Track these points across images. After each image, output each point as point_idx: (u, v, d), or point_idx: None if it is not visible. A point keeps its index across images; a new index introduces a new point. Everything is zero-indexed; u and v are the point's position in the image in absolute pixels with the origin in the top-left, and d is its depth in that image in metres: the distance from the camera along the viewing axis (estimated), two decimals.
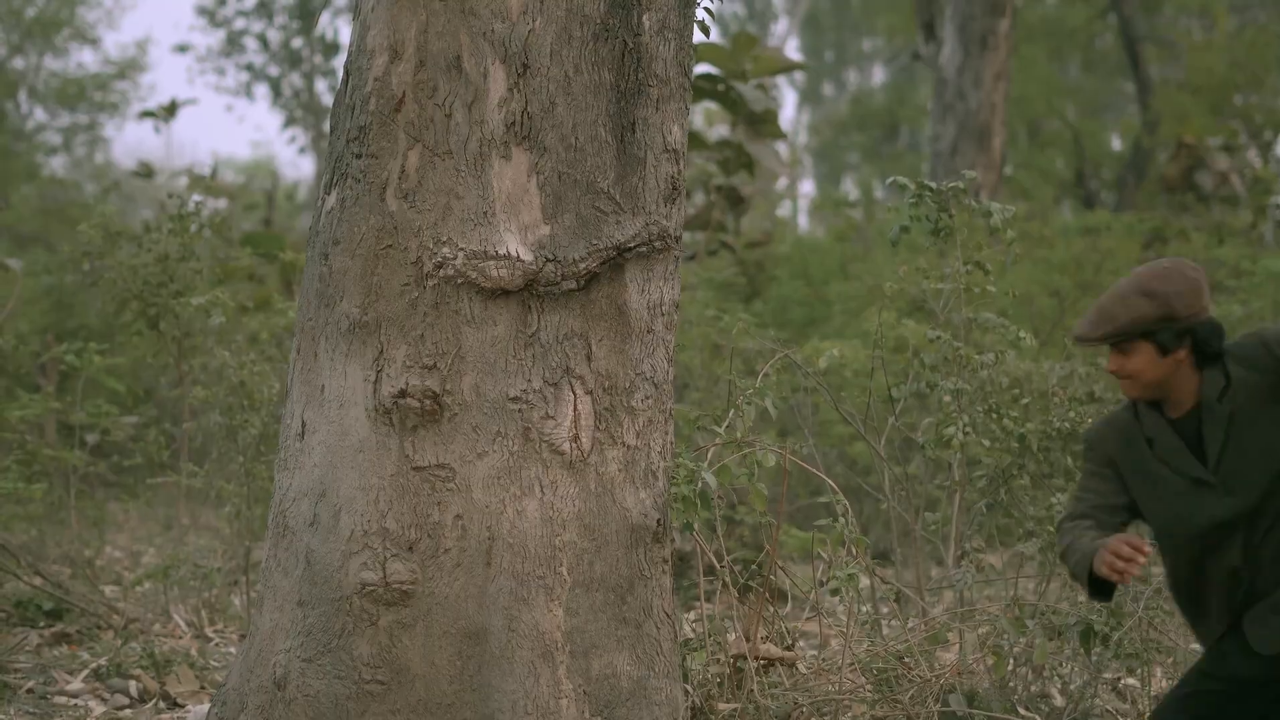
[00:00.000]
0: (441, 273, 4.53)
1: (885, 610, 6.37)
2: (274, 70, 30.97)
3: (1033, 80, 24.89)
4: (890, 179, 6.60)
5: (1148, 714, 5.57)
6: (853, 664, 5.49)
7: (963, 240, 6.58)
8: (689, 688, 5.11)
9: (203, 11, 30.83)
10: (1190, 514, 4.11)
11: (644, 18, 4.75)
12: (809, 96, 47.47)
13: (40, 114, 29.15)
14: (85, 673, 6.44)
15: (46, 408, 8.57)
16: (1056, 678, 6.11)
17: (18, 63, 28.24)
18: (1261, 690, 4.13)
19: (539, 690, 4.51)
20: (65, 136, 29.67)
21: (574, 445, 4.62)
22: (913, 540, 7.01)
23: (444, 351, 4.54)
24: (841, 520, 5.55)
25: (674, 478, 4.97)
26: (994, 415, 6.54)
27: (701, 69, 15.10)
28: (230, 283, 11.82)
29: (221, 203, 19.47)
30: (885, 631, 6.07)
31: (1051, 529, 6.22)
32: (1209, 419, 4.11)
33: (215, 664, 6.71)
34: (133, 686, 6.31)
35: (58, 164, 29.51)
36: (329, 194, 4.76)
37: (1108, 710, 5.87)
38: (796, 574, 7.02)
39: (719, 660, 5.52)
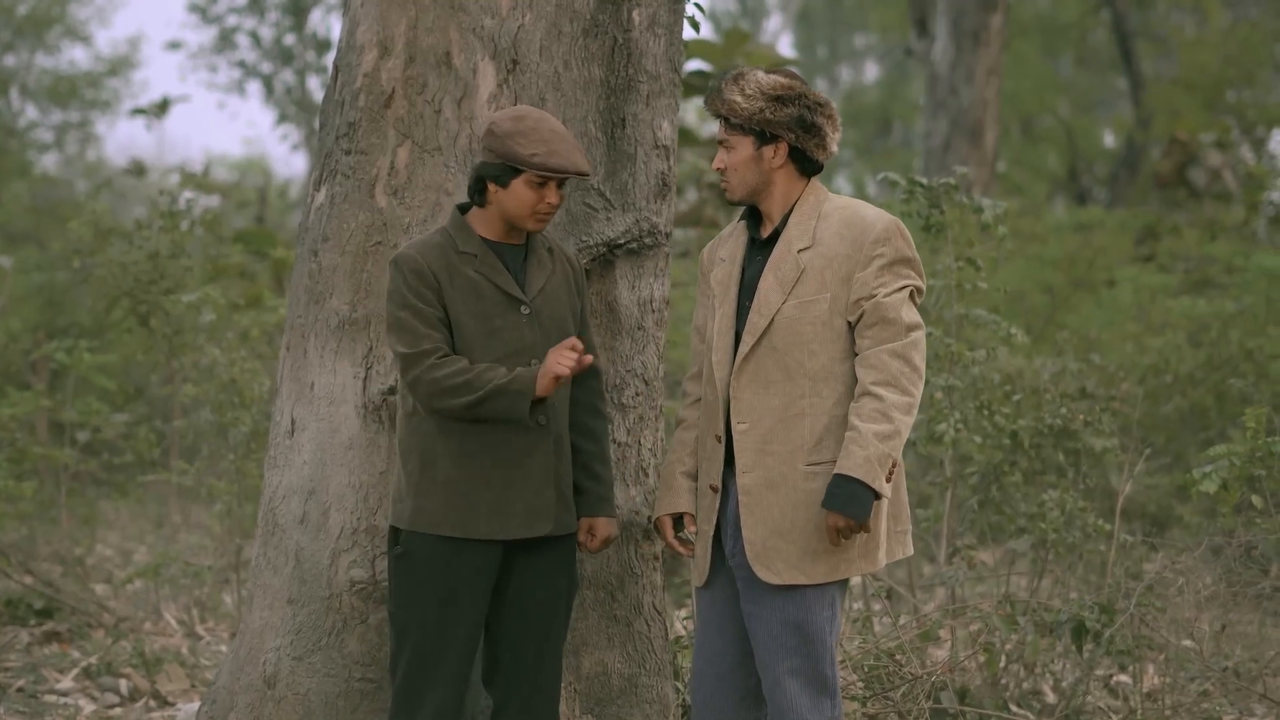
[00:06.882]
0: None
1: (877, 607, 6.36)
2: (266, 67, 30.89)
3: (1025, 76, 24.88)
4: (882, 175, 6.59)
5: (1140, 711, 5.57)
6: (844, 661, 5.48)
7: (954, 236, 6.57)
8: (679, 685, 5.10)
9: (195, 8, 30.73)
10: None
11: (634, 13, 4.73)
12: None
13: (32, 111, 29.05)
14: (76, 671, 6.43)
15: (37, 405, 8.55)
16: (1048, 675, 6.10)
17: (9, 60, 28.16)
18: None
19: None
20: (57, 134, 29.58)
21: None
22: None
23: None
24: None
25: None
26: (986, 412, 6.53)
27: (693, 65, 15.07)
28: (221, 280, 11.79)
29: (213, 200, 19.42)
30: (877, 628, 6.06)
31: (1044, 525, 6.21)
32: None
33: (206, 662, 6.69)
34: (123, 685, 6.30)
35: (49, 161, 29.41)
36: (318, 190, 4.74)
37: (1100, 707, 5.87)
38: None
39: None
